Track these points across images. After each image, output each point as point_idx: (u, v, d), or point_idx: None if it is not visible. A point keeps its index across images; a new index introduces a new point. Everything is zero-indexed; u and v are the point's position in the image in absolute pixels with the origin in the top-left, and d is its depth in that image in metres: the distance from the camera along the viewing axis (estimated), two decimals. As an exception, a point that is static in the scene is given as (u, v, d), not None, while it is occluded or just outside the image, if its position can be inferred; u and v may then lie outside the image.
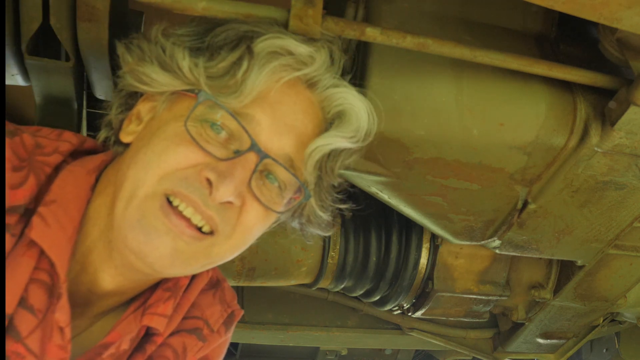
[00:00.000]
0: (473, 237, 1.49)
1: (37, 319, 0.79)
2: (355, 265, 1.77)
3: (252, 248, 1.67)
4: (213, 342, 1.01)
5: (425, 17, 1.16)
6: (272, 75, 0.82)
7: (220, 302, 1.03)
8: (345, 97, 0.89)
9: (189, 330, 0.97)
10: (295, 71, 0.84)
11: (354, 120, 0.89)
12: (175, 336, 0.95)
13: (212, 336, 1.00)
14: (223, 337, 1.04)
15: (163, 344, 0.94)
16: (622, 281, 1.70)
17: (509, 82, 1.16)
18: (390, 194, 1.35)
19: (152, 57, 0.84)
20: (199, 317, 0.98)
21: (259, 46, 0.81)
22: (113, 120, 0.92)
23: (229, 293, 1.07)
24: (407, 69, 1.11)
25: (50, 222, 0.79)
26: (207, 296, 1.02)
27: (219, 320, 1.02)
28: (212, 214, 0.79)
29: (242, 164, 0.80)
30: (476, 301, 1.82)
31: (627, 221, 1.42)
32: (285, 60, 0.83)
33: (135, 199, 0.78)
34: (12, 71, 1.12)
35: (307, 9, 0.88)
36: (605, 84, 1.14)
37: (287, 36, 0.83)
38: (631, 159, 1.23)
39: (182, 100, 0.85)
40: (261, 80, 0.80)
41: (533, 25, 1.27)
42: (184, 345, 0.96)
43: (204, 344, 0.99)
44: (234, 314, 1.06)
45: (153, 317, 0.89)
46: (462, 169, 1.24)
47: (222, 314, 1.03)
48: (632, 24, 0.89)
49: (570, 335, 2.01)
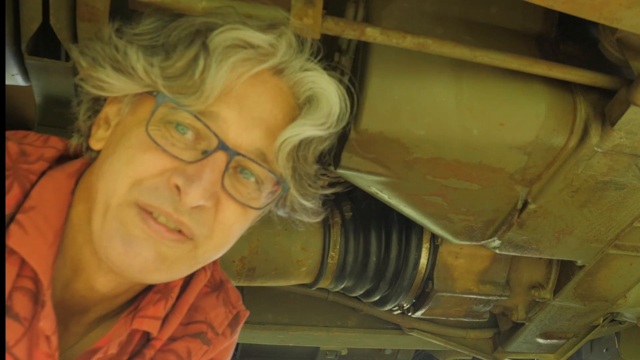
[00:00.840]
0: (473, 237, 1.49)
1: (23, 327, 0.77)
2: (355, 265, 1.77)
3: (252, 248, 1.68)
4: (218, 345, 0.99)
5: (425, 17, 1.16)
6: (233, 71, 0.77)
7: (224, 304, 1.01)
8: (315, 81, 0.84)
9: (192, 335, 0.95)
10: (258, 64, 0.79)
11: (325, 105, 0.85)
12: (179, 341, 0.94)
13: (217, 339, 0.98)
14: (229, 340, 1.02)
15: (167, 350, 0.92)
16: (622, 281, 1.70)
17: (509, 82, 1.16)
18: (390, 194, 1.35)
19: (105, 59, 0.79)
20: (202, 321, 0.97)
21: (214, 41, 0.76)
22: (82, 127, 0.88)
23: (234, 294, 1.05)
24: (407, 69, 1.11)
25: (29, 230, 0.77)
26: (210, 298, 1.00)
27: (223, 322, 1.00)
28: (184, 219, 0.77)
29: (210, 165, 0.77)
30: (476, 301, 1.82)
31: (627, 221, 1.42)
32: (245, 53, 0.78)
33: (110, 211, 0.77)
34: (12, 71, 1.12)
35: (307, 9, 0.88)
36: (605, 84, 1.14)
37: (244, 26, 0.78)
38: (631, 159, 1.23)
39: (143, 102, 0.81)
40: (220, 79, 0.76)
41: (533, 25, 1.27)
42: (189, 350, 0.94)
43: (209, 347, 0.97)
44: (239, 315, 1.04)
45: (143, 320, 0.87)
46: (462, 169, 1.24)
47: (227, 315, 1.01)
48: (632, 24, 0.89)
49: (570, 335, 2.01)
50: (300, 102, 0.86)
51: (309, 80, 0.84)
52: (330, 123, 0.85)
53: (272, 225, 1.69)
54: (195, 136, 0.79)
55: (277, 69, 0.83)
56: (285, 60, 0.82)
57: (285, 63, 0.83)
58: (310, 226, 1.72)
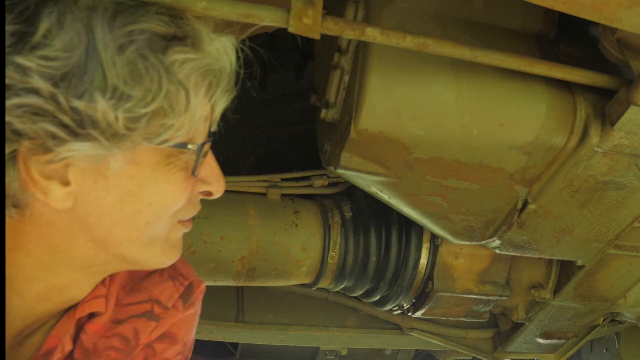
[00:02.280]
0: (473, 237, 1.49)
1: None
2: (355, 265, 1.77)
3: (252, 248, 1.68)
4: (169, 318, 0.97)
5: (425, 17, 1.16)
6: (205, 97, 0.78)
7: (170, 279, 0.99)
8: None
9: (137, 315, 0.93)
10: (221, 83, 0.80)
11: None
12: (124, 324, 0.92)
13: (166, 313, 0.96)
14: (182, 312, 0.99)
15: (111, 335, 0.90)
16: (622, 281, 1.70)
17: (508, 82, 1.16)
18: (390, 194, 1.35)
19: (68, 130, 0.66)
20: (146, 300, 0.95)
21: (183, 73, 0.71)
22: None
23: (183, 267, 1.03)
24: (407, 69, 1.11)
25: None
26: (152, 278, 0.98)
27: (173, 295, 0.98)
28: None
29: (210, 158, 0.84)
30: (476, 301, 1.82)
31: (627, 221, 1.42)
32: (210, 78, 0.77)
33: (157, 243, 0.82)
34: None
35: (307, 9, 0.88)
36: (605, 84, 1.14)
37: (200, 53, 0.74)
38: (631, 159, 1.23)
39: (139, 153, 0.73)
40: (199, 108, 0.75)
41: (533, 25, 1.27)
42: (135, 330, 0.92)
43: (158, 322, 0.95)
44: (193, 285, 1.01)
45: (85, 305, 0.87)
46: (462, 169, 1.24)
47: (177, 288, 0.99)
48: (632, 24, 0.89)
49: (570, 335, 2.01)
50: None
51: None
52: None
53: (272, 225, 1.69)
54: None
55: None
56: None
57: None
58: (311, 226, 1.72)
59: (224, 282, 1.71)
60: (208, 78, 0.76)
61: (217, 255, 1.64)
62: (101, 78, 0.65)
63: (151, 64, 0.67)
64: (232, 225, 1.65)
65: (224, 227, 1.64)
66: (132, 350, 0.92)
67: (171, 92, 0.69)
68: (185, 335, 1.01)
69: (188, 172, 0.78)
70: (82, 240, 0.78)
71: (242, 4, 0.88)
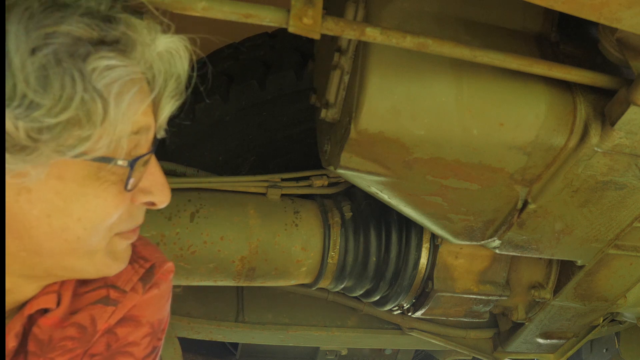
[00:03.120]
0: (473, 237, 1.49)
1: None
2: (355, 265, 1.77)
3: (252, 248, 1.68)
4: (128, 302, 0.94)
5: (425, 17, 1.16)
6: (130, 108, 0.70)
7: (128, 263, 0.93)
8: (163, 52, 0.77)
9: (93, 303, 0.91)
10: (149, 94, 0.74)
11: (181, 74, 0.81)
12: (79, 313, 0.90)
13: (124, 296, 0.93)
14: (142, 294, 0.96)
15: (67, 325, 0.88)
16: (622, 281, 1.70)
17: (508, 82, 1.16)
18: (390, 194, 1.35)
19: None
20: (101, 286, 0.92)
21: (102, 83, 0.66)
22: None
23: (146, 249, 0.99)
24: (407, 69, 1.11)
25: None
26: None
27: (132, 279, 0.95)
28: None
29: (154, 166, 0.79)
30: (476, 301, 1.82)
31: (627, 221, 1.42)
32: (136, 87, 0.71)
33: (97, 254, 0.79)
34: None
35: (307, 9, 0.88)
36: (605, 84, 1.14)
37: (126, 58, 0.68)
38: (631, 159, 1.23)
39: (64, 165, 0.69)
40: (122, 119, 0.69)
41: (533, 25, 1.27)
42: (92, 317, 0.90)
43: (116, 307, 0.92)
44: (154, 266, 0.98)
45: (34, 302, 0.85)
46: (462, 169, 1.24)
47: (137, 271, 0.96)
48: (632, 24, 0.89)
49: (570, 335, 2.01)
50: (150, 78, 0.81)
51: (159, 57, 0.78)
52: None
53: (272, 225, 1.69)
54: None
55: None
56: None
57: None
58: (311, 226, 1.72)
59: (224, 282, 1.71)
60: (135, 87, 0.69)
61: (217, 255, 1.64)
62: (8, 84, 0.60)
63: (65, 70, 0.62)
64: (232, 225, 1.65)
65: (224, 227, 1.64)
66: (90, 338, 0.90)
67: (86, 101, 0.63)
68: (151, 317, 0.98)
69: (122, 186, 0.74)
70: (15, 250, 0.75)
71: (242, 4, 0.88)
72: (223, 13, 0.88)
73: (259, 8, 0.89)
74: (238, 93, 1.96)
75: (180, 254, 1.61)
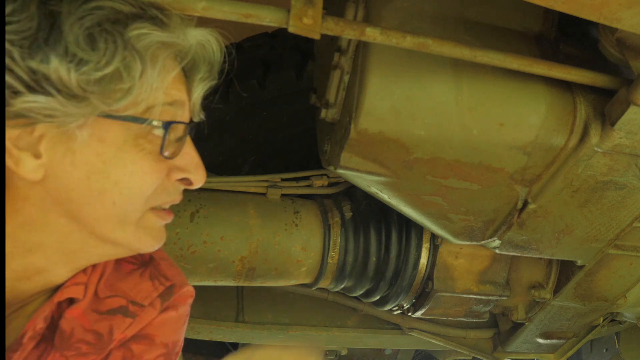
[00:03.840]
0: (473, 237, 1.49)
1: None
2: (355, 265, 1.77)
3: (252, 248, 1.68)
4: (145, 316, 0.96)
5: (425, 17, 1.16)
6: (163, 71, 0.79)
7: (150, 279, 0.98)
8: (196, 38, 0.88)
9: (111, 311, 0.94)
10: (180, 62, 0.83)
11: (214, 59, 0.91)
12: (101, 321, 0.92)
13: (142, 311, 0.95)
14: (160, 312, 0.98)
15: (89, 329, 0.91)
16: (622, 281, 1.70)
17: (508, 82, 1.16)
18: (390, 194, 1.35)
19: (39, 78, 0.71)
20: (120, 296, 0.95)
21: (140, 44, 0.75)
22: None
23: (169, 269, 1.02)
24: (407, 69, 1.11)
25: None
26: (131, 278, 0.98)
27: (150, 294, 0.97)
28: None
29: (189, 146, 0.86)
30: (476, 301, 1.82)
31: (627, 221, 1.42)
32: (169, 53, 0.81)
33: (129, 226, 0.83)
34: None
35: (307, 9, 0.88)
36: (605, 84, 1.14)
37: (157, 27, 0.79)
38: (631, 159, 1.23)
39: (103, 126, 0.77)
40: (157, 78, 0.78)
41: (533, 25, 1.27)
42: (110, 326, 0.92)
43: (134, 319, 0.94)
44: (174, 286, 1.00)
45: (64, 290, 0.88)
46: (462, 169, 1.24)
47: (157, 288, 0.98)
48: (632, 24, 0.89)
49: (570, 335, 2.01)
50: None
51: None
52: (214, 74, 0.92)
53: (272, 225, 1.69)
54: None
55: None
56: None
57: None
58: (311, 226, 1.73)
59: (224, 282, 1.71)
60: (168, 52, 0.79)
61: (217, 255, 1.64)
62: (59, 42, 0.70)
63: (108, 32, 0.73)
64: (232, 225, 1.65)
65: (224, 227, 1.64)
66: (105, 346, 0.92)
67: (126, 57, 0.73)
68: (166, 337, 0.99)
69: (157, 156, 0.80)
70: (56, 216, 0.80)
71: (242, 4, 0.88)
72: (223, 13, 0.88)
73: (259, 8, 0.89)
74: (238, 93, 1.96)
75: (180, 254, 1.61)
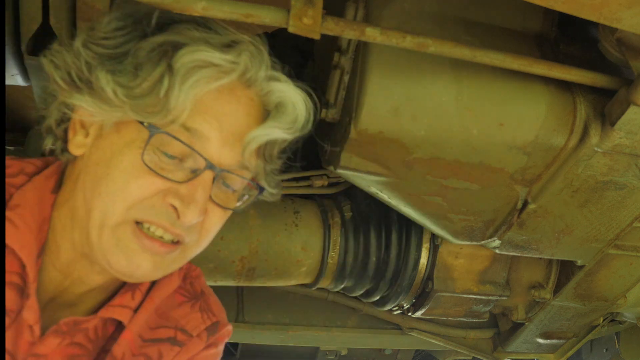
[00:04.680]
0: (473, 237, 1.49)
1: (9, 318, 0.84)
2: (355, 265, 1.77)
3: (252, 248, 1.68)
4: (192, 347, 1.01)
5: (425, 17, 1.16)
6: (195, 88, 0.82)
7: (200, 311, 1.04)
8: (283, 90, 0.90)
9: (162, 340, 0.98)
10: (217, 80, 0.84)
11: (291, 111, 0.91)
12: (150, 346, 0.97)
13: (190, 340, 1.01)
14: (206, 343, 1.03)
15: (138, 353, 0.95)
16: (622, 281, 1.70)
17: (508, 82, 1.16)
18: (390, 194, 1.35)
19: (82, 80, 0.83)
20: (171, 327, 1.00)
21: (178, 63, 0.81)
22: (55, 130, 0.91)
23: (216, 305, 1.08)
24: (407, 69, 1.11)
25: (18, 224, 0.84)
26: (183, 308, 1.03)
27: (199, 326, 1.02)
28: (180, 232, 0.86)
29: (202, 185, 0.84)
30: (476, 301, 1.82)
31: (627, 221, 1.42)
32: (206, 72, 0.83)
33: (106, 228, 0.83)
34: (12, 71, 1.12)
35: (307, 9, 0.88)
36: (605, 84, 1.14)
37: (206, 46, 0.83)
38: (631, 159, 1.23)
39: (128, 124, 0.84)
40: (184, 95, 0.81)
41: (533, 25, 1.27)
42: (159, 352, 0.97)
43: (181, 348, 0.99)
44: (219, 323, 1.06)
45: (108, 308, 0.93)
46: (462, 169, 1.24)
47: (204, 321, 1.04)
48: (632, 24, 0.89)
49: (570, 335, 2.01)
50: (270, 109, 0.92)
51: (277, 89, 0.90)
52: (295, 128, 0.92)
53: (272, 225, 1.69)
54: (181, 156, 0.85)
55: (246, 83, 0.88)
56: (251, 73, 0.87)
57: (252, 75, 0.87)
58: (311, 226, 1.72)
59: (224, 282, 1.71)
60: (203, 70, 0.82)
61: (217, 255, 1.64)
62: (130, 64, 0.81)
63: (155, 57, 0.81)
64: (232, 225, 1.65)
65: (224, 227, 1.62)
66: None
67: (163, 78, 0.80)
68: None
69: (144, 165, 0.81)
70: (81, 198, 0.85)
71: (242, 4, 0.88)
72: (223, 13, 0.88)
73: (258, 8, 0.89)
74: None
75: (180, 254, 1.60)
